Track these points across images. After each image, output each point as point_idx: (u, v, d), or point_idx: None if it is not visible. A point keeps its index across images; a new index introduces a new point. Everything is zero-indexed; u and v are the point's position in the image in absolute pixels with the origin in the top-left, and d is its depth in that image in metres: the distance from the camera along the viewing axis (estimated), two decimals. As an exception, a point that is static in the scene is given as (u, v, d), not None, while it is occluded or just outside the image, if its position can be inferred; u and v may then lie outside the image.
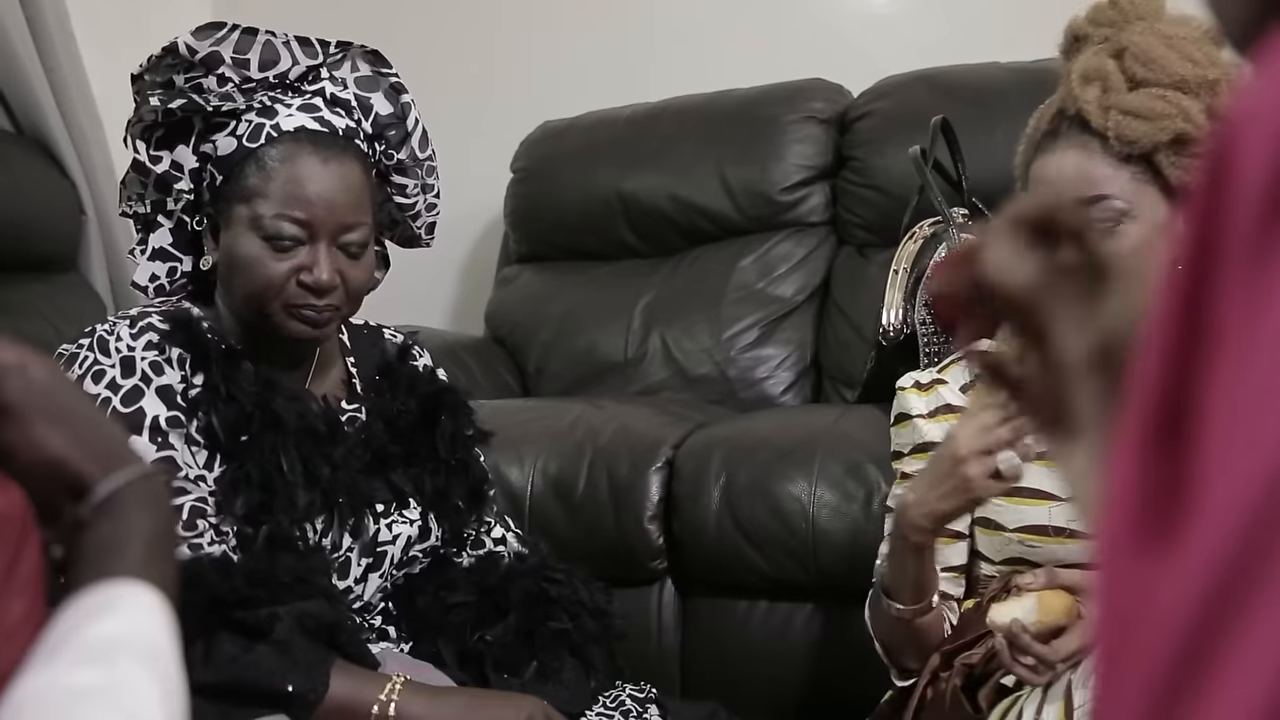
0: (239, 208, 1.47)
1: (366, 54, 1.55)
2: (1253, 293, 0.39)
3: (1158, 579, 0.39)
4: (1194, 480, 0.39)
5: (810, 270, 2.85)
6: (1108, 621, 0.42)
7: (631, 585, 2.20)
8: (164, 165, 1.51)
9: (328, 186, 1.46)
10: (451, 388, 1.67)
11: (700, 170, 2.92)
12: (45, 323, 2.63)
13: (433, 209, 1.65)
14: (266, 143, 1.47)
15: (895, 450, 1.68)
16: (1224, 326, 0.40)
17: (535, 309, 3.01)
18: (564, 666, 1.56)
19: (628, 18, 3.29)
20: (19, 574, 0.65)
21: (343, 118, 1.51)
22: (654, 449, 2.23)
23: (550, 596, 1.59)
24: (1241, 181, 0.39)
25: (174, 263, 1.57)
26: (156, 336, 1.45)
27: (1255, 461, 0.37)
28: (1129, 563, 0.41)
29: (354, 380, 1.62)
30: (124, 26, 3.16)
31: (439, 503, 1.58)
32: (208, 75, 1.47)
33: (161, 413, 1.42)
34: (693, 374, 2.79)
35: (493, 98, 3.37)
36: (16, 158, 2.72)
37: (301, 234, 1.45)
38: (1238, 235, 0.39)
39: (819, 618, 2.15)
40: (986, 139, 2.59)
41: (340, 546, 1.49)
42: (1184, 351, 0.41)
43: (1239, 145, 0.40)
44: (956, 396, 1.63)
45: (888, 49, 3.01)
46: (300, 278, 1.45)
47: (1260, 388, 0.38)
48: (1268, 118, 0.39)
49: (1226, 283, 0.40)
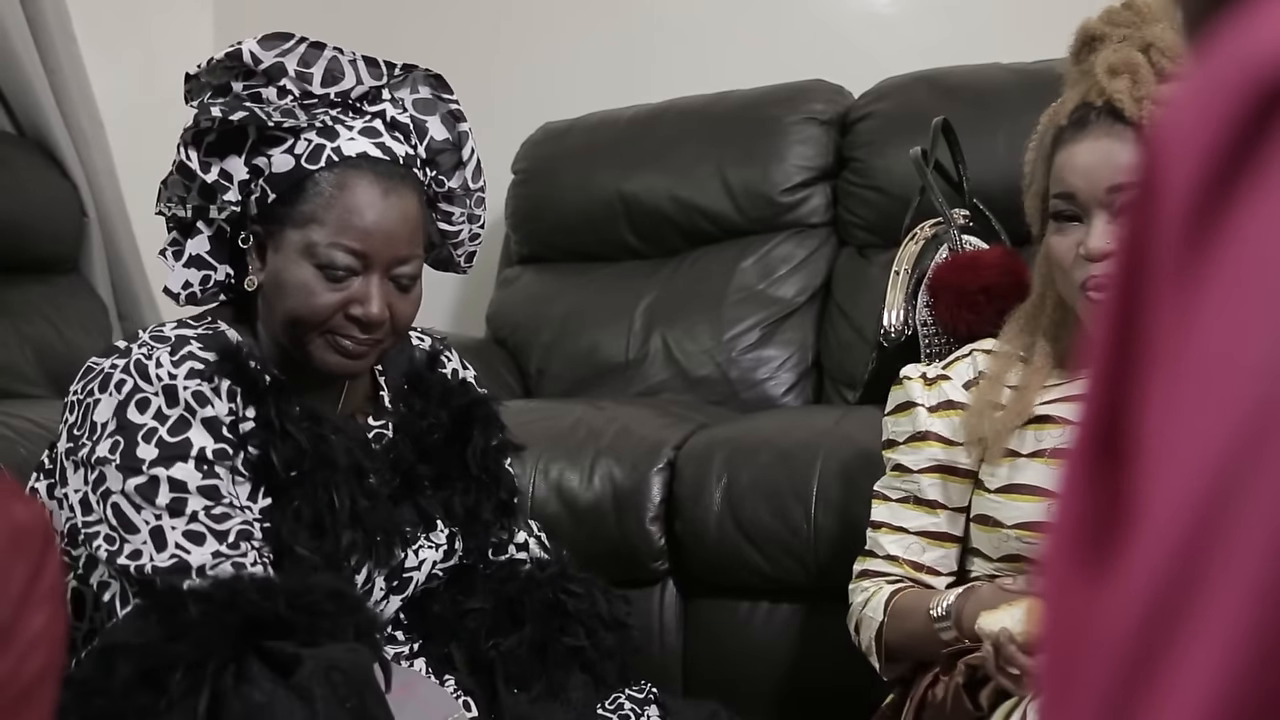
0: (292, 231, 1.43)
1: (429, 78, 1.52)
2: (1180, 310, 0.38)
3: (1097, 601, 0.39)
4: (1131, 501, 0.39)
5: (811, 271, 2.85)
6: (1051, 646, 0.42)
7: (633, 586, 2.19)
8: (213, 174, 1.47)
9: (386, 217, 1.43)
10: (483, 399, 1.64)
11: (701, 171, 2.92)
12: (47, 324, 2.63)
13: (476, 239, 1.61)
14: (326, 166, 1.43)
15: (889, 439, 1.68)
16: (1156, 344, 0.39)
17: (536, 310, 3.01)
18: (574, 684, 1.54)
19: (629, 19, 3.29)
20: (40, 586, 0.65)
21: (402, 144, 1.48)
22: (655, 450, 2.23)
23: (567, 610, 1.57)
24: (1168, 194, 0.38)
25: (209, 271, 1.53)
26: (200, 365, 1.41)
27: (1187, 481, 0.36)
28: (1070, 586, 0.41)
29: (381, 393, 1.59)
30: (125, 28, 3.16)
31: (469, 523, 1.56)
32: (268, 86, 1.43)
33: (209, 444, 1.39)
34: (694, 375, 2.79)
35: (493, 99, 3.37)
36: (18, 159, 2.73)
37: (356, 264, 1.42)
38: (1166, 250, 0.38)
39: (821, 619, 2.14)
40: (988, 140, 2.59)
41: (371, 577, 1.48)
42: (1120, 371, 0.41)
43: (1166, 156, 0.39)
44: (960, 393, 1.63)
45: (889, 50, 3.01)
46: (350, 310, 1.42)
47: (1189, 407, 0.37)
48: (1191, 127, 0.38)
49: (1157, 299, 0.39)
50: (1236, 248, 0.36)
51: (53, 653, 0.61)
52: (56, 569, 0.68)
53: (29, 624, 0.64)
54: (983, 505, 1.58)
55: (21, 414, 2.02)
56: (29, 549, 0.65)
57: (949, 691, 1.46)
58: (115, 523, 1.37)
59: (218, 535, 1.37)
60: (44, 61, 2.78)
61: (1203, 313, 0.37)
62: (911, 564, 1.64)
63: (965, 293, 2.20)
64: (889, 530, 1.66)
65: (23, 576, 0.64)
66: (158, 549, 1.36)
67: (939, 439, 1.63)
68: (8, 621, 0.63)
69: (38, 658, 0.61)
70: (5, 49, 2.71)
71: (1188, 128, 0.38)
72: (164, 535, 1.36)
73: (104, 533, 1.38)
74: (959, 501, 1.63)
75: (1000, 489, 1.57)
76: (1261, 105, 0.35)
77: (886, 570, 1.65)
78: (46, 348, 2.53)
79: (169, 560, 1.35)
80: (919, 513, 1.63)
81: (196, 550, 1.36)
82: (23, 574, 0.64)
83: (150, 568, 1.35)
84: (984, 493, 1.59)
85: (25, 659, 0.63)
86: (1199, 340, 0.37)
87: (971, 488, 1.61)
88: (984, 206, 2.46)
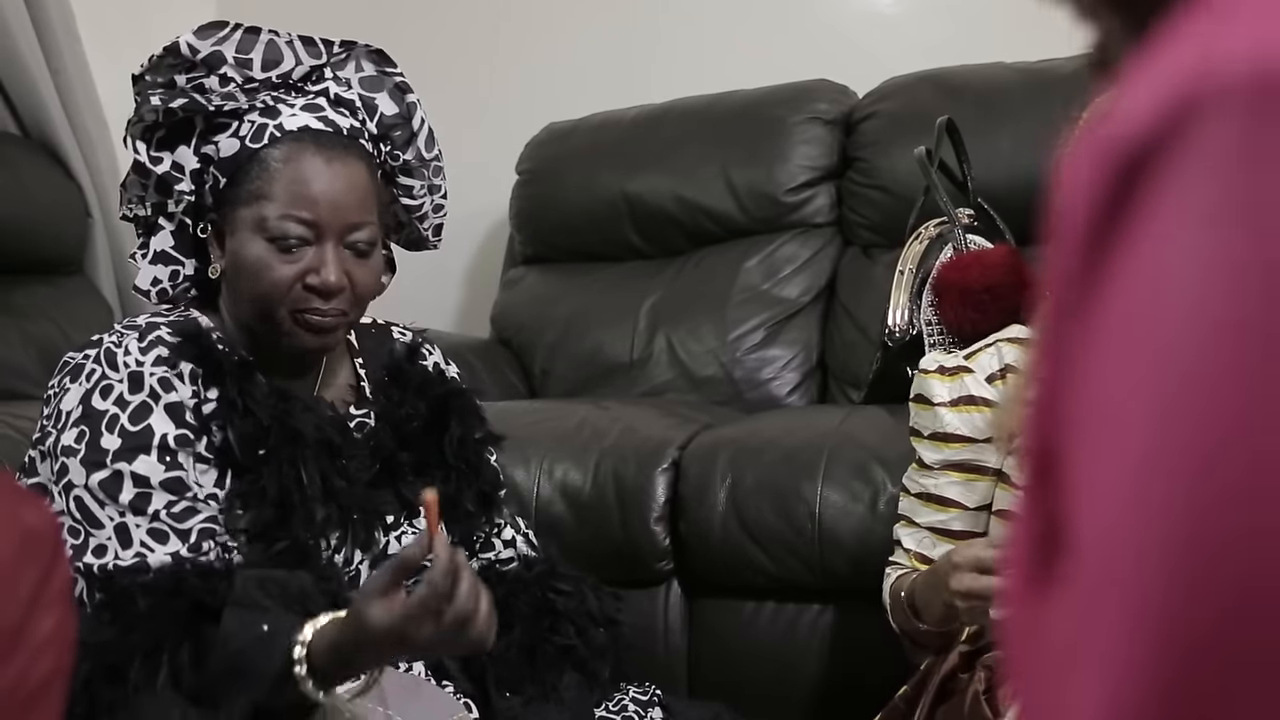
0: (243, 211, 1.44)
1: (371, 54, 1.53)
2: (1081, 334, 0.41)
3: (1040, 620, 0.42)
4: (1063, 523, 0.42)
5: (816, 271, 2.85)
6: (1013, 664, 0.45)
7: (638, 586, 2.20)
8: (165, 166, 1.49)
9: (333, 185, 1.44)
10: (461, 390, 1.65)
11: (705, 171, 2.92)
12: (51, 325, 2.64)
13: (440, 210, 1.63)
14: (269, 143, 1.45)
15: (914, 427, 1.66)
16: (1069, 376, 0.42)
17: (540, 311, 3.01)
18: (566, 684, 1.54)
19: (632, 19, 3.29)
20: (50, 589, 0.65)
21: (347, 117, 1.49)
22: (660, 450, 2.23)
23: (556, 609, 1.58)
24: (1066, 235, 0.41)
25: (176, 266, 1.54)
26: (166, 351, 1.42)
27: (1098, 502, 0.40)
28: (1022, 604, 0.44)
29: (362, 384, 1.60)
30: (128, 28, 3.16)
31: (449, 511, 1.56)
32: (210, 75, 1.45)
33: (170, 430, 1.40)
34: (698, 375, 2.79)
35: (497, 99, 3.37)
36: (22, 160, 2.73)
37: (308, 234, 1.43)
38: (1070, 275, 0.41)
39: (825, 619, 2.15)
40: (992, 139, 2.60)
41: (352, 561, 1.48)
42: (1051, 395, 0.43)
43: (1066, 199, 0.42)
44: (981, 387, 1.61)
45: (893, 49, 3.01)
46: (308, 280, 1.43)
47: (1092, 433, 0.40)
48: (1087, 152, 0.41)
49: (1069, 330, 0.42)
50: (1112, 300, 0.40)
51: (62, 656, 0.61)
52: (65, 572, 0.68)
53: (38, 627, 0.65)
54: (1008, 500, 1.56)
55: (25, 415, 2.01)
56: (38, 552, 0.65)
57: (969, 697, 1.45)
58: (79, 516, 1.38)
59: (180, 535, 1.37)
60: (48, 62, 2.78)
61: (1092, 361, 0.41)
62: (920, 557, 1.64)
63: (970, 292, 2.20)
64: (907, 523, 1.67)
65: (32, 580, 0.64)
66: (122, 546, 1.36)
67: (960, 438, 1.61)
68: (17, 624, 0.63)
69: (47, 660, 0.62)
70: (10, 50, 2.72)
71: (1084, 152, 0.41)
72: (128, 533, 1.37)
73: (68, 525, 1.38)
74: (980, 500, 1.61)
75: None
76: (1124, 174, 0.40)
77: (902, 562, 1.67)
78: (51, 348, 2.53)
79: (132, 559, 1.36)
80: (931, 509, 1.63)
81: (160, 549, 1.36)
82: (32, 577, 0.64)
83: (112, 565, 1.36)
84: (1010, 488, 1.57)
85: (35, 661, 0.63)
86: (1094, 388, 0.40)
87: (995, 484, 1.60)
88: (988, 206, 2.47)
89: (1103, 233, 0.40)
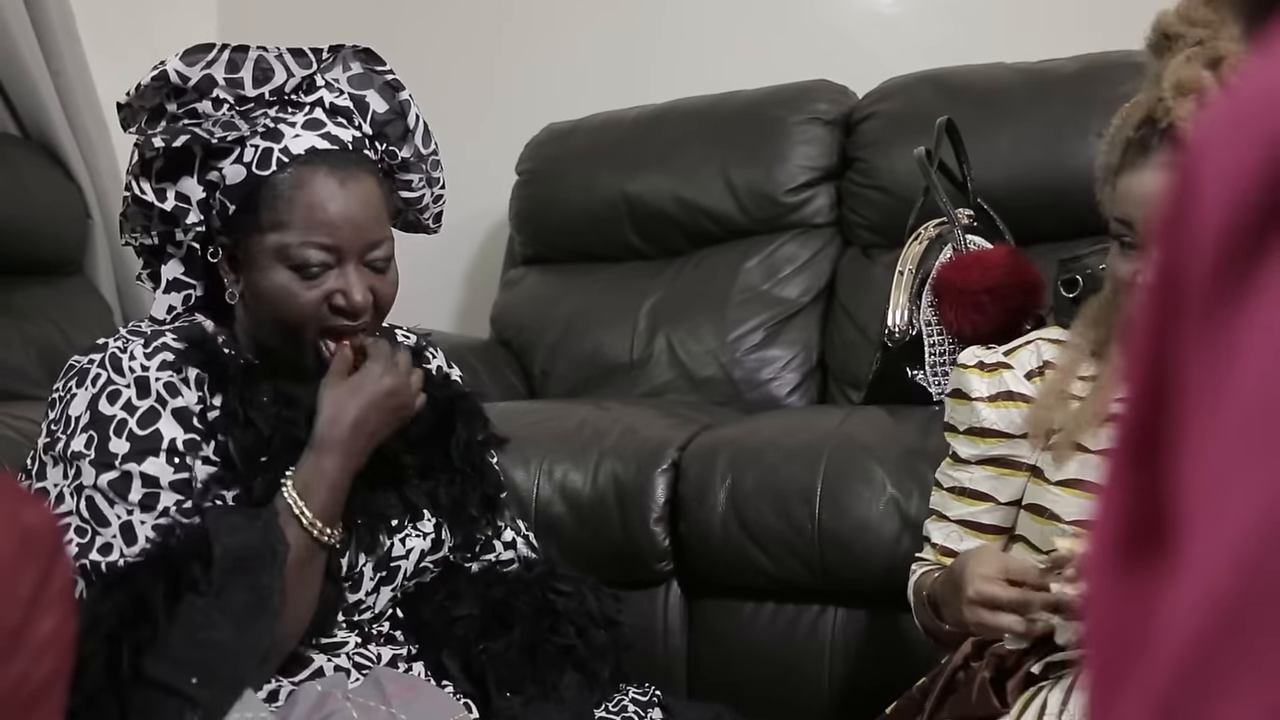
0: (259, 239, 1.43)
1: (358, 53, 1.52)
2: (1210, 351, 0.37)
3: (1153, 598, 0.39)
4: (1175, 508, 0.39)
5: (815, 272, 2.85)
6: (1099, 636, 0.42)
7: (637, 587, 2.20)
8: (170, 201, 1.47)
9: (349, 206, 1.43)
10: (465, 393, 1.65)
11: (705, 172, 2.92)
12: (52, 326, 2.64)
13: (439, 200, 1.62)
14: (278, 168, 1.43)
15: (949, 423, 1.65)
16: (1186, 375, 0.38)
17: (540, 311, 3.01)
18: (567, 684, 1.54)
19: (633, 19, 3.29)
20: (50, 590, 0.65)
21: (347, 129, 1.48)
22: (660, 451, 2.23)
23: (556, 609, 1.58)
24: (1200, 226, 0.37)
25: (188, 290, 1.54)
26: (172, 356, 1.43)
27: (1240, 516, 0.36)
28: (1117, 581, 0.41)
29: None
30: (129, 29, 3.16)
31: (455, 514, 1.57)
32: (201, 100, 1.44)
33: (179, 435, 1.41)
34: (698, 376, 2.79)
35: (497, 100, 3.37)
36: (22, 161, 2.73)
37: (329, 259, 1.43)
38: (1195, 283, 0.37)
39: (825, 619, 2.15)
40: (992, 140, 2.60)
41: (357, 564, 1.48)
42: (1154, 387, 0.40)
43: (1200, 178, 0.37)
44: (1020, 384, 1.59)
45: (892, 50, 3.01)
46: (334, 302, 1.43)
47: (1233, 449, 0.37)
48: (1227, 165, 0.36)
49: (1185, 332, 0.38)
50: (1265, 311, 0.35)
51: (62, 656, 0.62)
52: (66, 572, 0.68)
53: (39, 627, 0.65)
54: (1039, 495, 1.55)
55: (26, 415, 2.02)
56: (38, 552, 0.66)
57: (975, 685, 1.45)
58: (87, 514, 1.38)
59: None
60: (48, 63, 2.78)
61: (1237, 369, 0.36)
62: (945, 551, 1.63)
63: (969, 292, 2.20)
64: (937, 518, 1.66)
65: (32, 580, 0.64)
66: (127, 543, 1.37)
67: (997, 434, 1.60)
68: (18, 625, 0.63)
69: (48, 661, 0.62)
70: (9, 51, 2.72)
71: (1224, 164, 0.36)
72: (134, 530, 1.38)
73: (75, 524, 1.39)
74: (1013, 495, 1.60)
75: (1062, 482, 1.54)
76: None
77: (928, 558, 1.66)
78: (51, 349, 2.53)
79: (138, 555, 1.37)
80: (962, 503, 1.62)
81: None
82: (32, 577, 0.64)
83: (122, 563, 1.36)
84: (1043, 483, 1.56)
85: (36, 662, 0.63)
86: (1238, 397, 0.36)
87: (1027, 480, 1.59)
88: (988, 206, 2.47)
89: (1257, 234, 0.35)
